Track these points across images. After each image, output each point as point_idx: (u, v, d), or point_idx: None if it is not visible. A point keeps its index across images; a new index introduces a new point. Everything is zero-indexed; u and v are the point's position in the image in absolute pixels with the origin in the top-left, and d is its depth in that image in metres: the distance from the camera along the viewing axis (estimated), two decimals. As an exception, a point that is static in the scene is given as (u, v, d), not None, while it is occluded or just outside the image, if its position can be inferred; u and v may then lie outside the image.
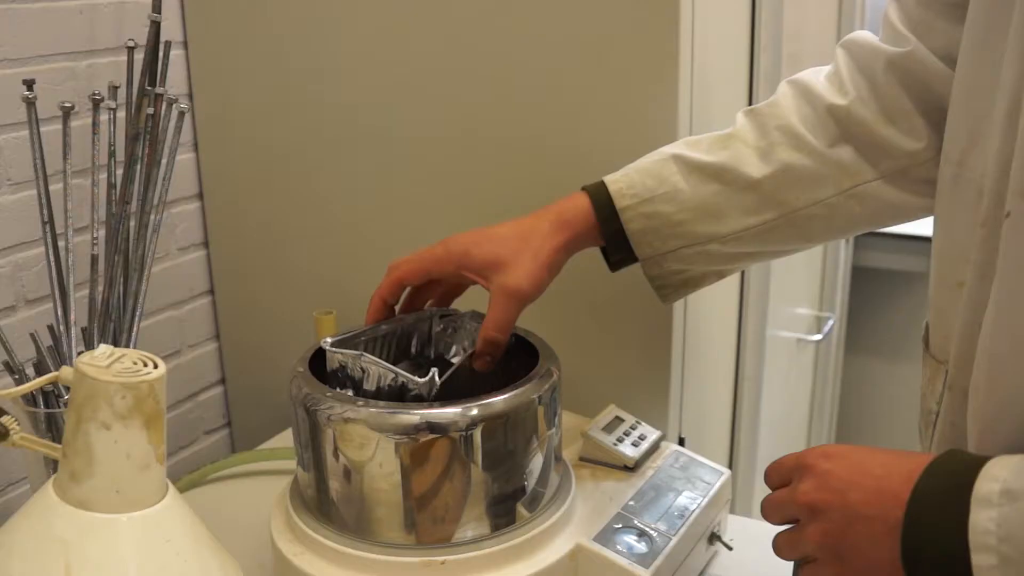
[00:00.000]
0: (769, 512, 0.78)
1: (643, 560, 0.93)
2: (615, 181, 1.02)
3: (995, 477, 0.64)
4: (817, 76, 1.02)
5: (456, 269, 1.00)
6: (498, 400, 0.90)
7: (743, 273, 1.44)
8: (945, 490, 0.66)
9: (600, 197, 1.02)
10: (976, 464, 0.66)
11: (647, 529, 0.97)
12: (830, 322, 1.96)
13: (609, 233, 1.02)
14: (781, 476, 0.78)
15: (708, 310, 1.29)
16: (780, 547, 0.77)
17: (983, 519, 0.63)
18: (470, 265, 0.99)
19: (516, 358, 1.00)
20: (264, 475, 1.28)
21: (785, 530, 0.77)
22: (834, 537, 0.71)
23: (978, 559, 0.62)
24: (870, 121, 0.97)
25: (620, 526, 0.97)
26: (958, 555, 0.63)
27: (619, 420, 1.10)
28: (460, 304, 1.08)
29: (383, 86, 1.30)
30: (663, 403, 1.23)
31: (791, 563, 0.78)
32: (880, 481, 0.70)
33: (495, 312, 0.97)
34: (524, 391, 0.91)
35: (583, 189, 1.03)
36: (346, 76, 1.32)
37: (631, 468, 1.05)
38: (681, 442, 1.27)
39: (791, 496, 0.74)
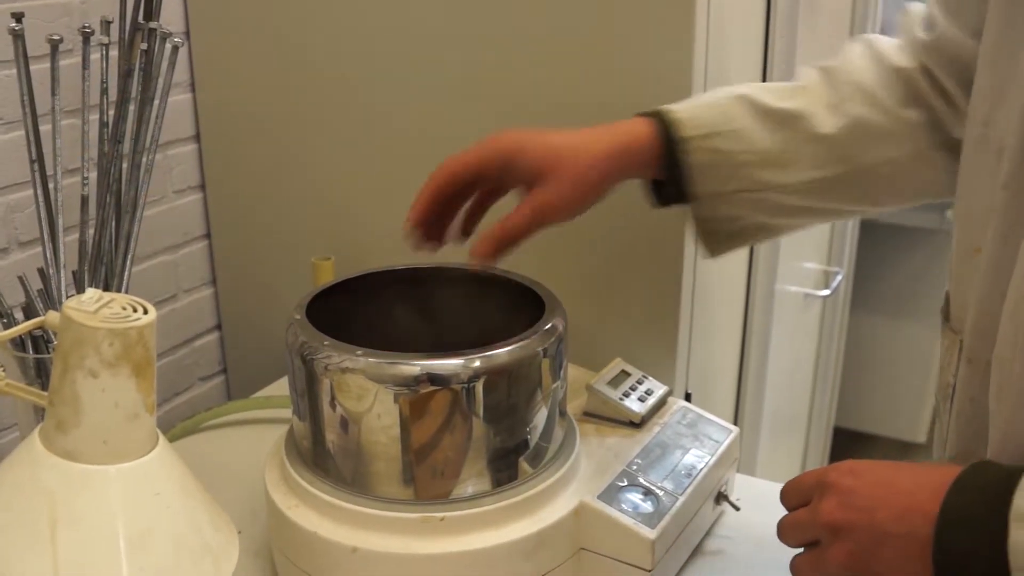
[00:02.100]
0: (787, 533, 0.76)
1: (649, 520, 0.91)
2: (677, 111, 0.97)
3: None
4: (886, 40, 1.00)
5: (502, 168, 0.94)
6: (502, 352, 0.87)
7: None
8: (978, 507, 0.64)
9: (661, 125, 0.97)
10: (1007, 476, 0.63)
11: (653, 488, 0.94)
12: (838, 277, 1.94)
13: (667, 165, 0.97)
14: (800, 495, 0.75)
15: (717, 263, 1.26)
16: (800, 570, 0.75)
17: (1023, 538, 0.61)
18: (516, 168, 0.93)
19: (521, 309, 0.97)
20: (259, 423, 1.27)
21: (803, 553, 0.74)
22: (862, 559, 0.69)
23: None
24: (927, 93, 0.95)
25: (625, 484, 0.94)
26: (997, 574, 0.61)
27: (625, 374, 1.08)
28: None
29: (387, 27, 1.27)
30: (671, 357, 1.21)
31: None
32: (908, 498, 0.67)
33: (516, 217, 0.92)
34: (529, 343, 0.89)
35: (639, 115, 0.98)
36: (350, 16, 1.29)
37: (637, 424, 1.03)
38: (687, 397, 1.25)
39: (812, 516, 0.72)
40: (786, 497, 0.77)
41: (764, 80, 1.34)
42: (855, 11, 1.77)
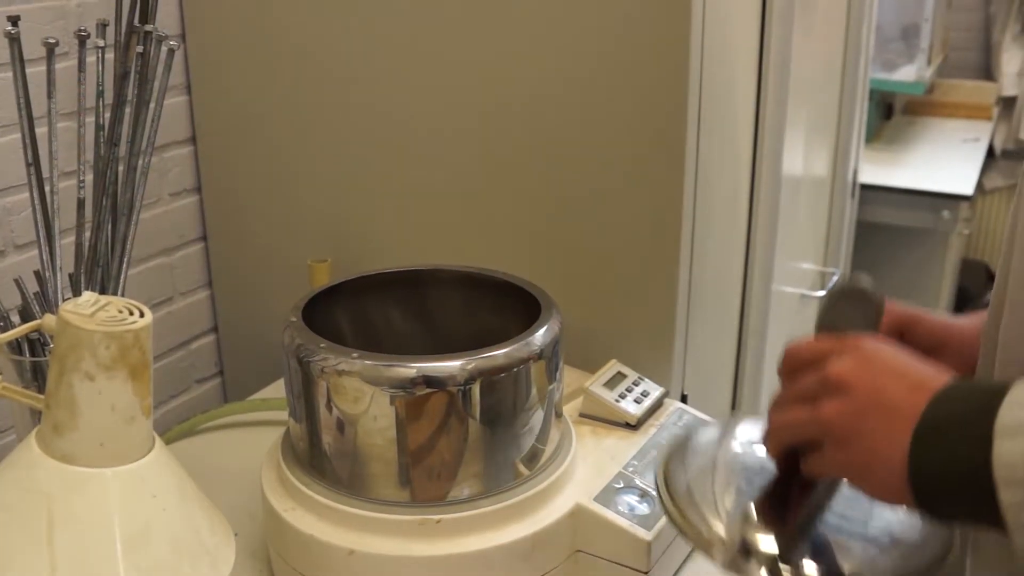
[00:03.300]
0: (786, 421, 0.71)
1: (645, 522, 0.91)
2: None
3: (1020, 403, 0.59)
4: None
5: (899, 336, 0.83)
6: (497, 354, 0.87)
7: (749, 227, 1.41)
8: (964, 415, 0.62)
9: None
10: (1000, 390, 0.61)
11: (649, 490, 0.94)
12: (835, 277, 1.94)
13: None
14: (813, 355, 0.71)
15: (713, 264, 1.26)
16: (779, 428, 0.71)
17: (1008, 451, 0.58)
18: (916, 335, 0.83)
19: (517, 311, 0.97)
20: (256, 426, 1.26)
21: (786, 412, 0.71)
22: (851, 417, 0.66)
23: (1007, 495, 0.58)
24: None
25: (621, 486, 0.94)
26: (979, 484, 0.59)
27: (621, 376, 1.08)
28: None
29: (383, 29, 1.27)
30: (667, 359, 1.20)
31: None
32: (918, 377, 0.66)
33: None
34: (525, 345, 0.89)
35: None
36: (346, 19, 1.29)
37: (633, 426, 1.03)
38: (684, 399, 1.25)
39: (821, 371, 0.69)
40: (794, 355, 0.74)
41: (759, 83, 1.34)
42: (850, 13, 1.77)
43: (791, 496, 0.74)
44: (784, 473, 0.74)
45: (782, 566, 0.70)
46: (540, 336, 0.90)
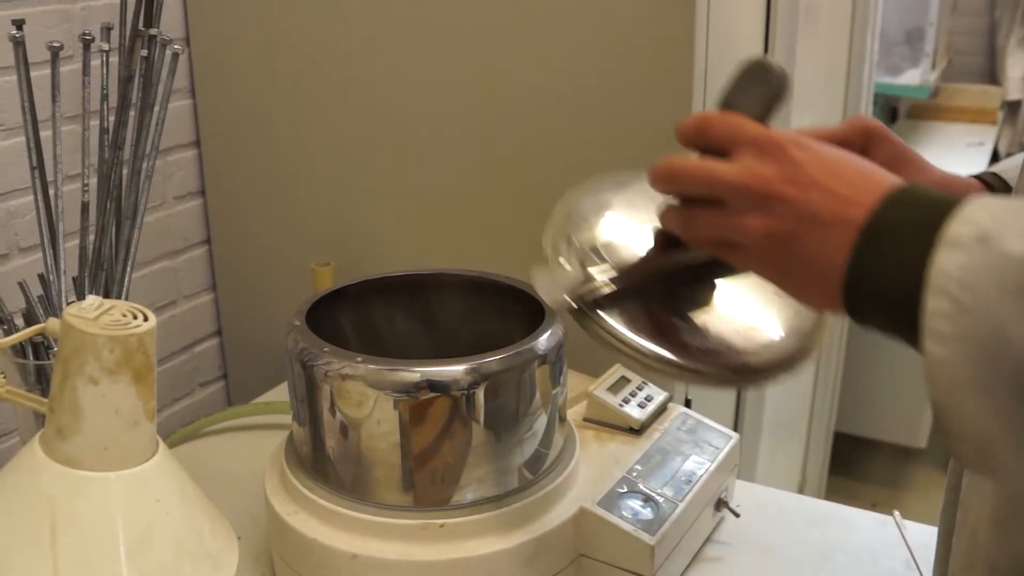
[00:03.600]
0: (686, 175, 0.67)
1: (648, 527, 0.91)
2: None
3: (972, 220, 0.57)
4: None
5: (863, 145, 0.80)
6: (501, 358, 0.87)
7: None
8: (912, 222, 0.59)
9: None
10: (951, 202, 0.58)
11: (653, 494, 0.94)
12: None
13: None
14: (725, 136, 0.66)
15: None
16: (687, 222, 0.67)
17: (948, 261, 0.56)
18: (879, 149, 0.80)
19: (521, 314, 0.97)
20: (259, 429, 1.26)
21: (697, 207, 0.67)
22: (780, 237, 0.63)
23: (933, 302, 0.55)
24: None
25: (625, 491, 0.94)
26: (909, 292, 0.57)
27: (625, 380, 1.08)
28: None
29: (387, 32, 1.27)
30: (669, 363, 1.20)
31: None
32: (849, 188, 0.62)
33: None
34: (528, 349, 0.89)
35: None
36: (350, 22, 1.29)
37: (637, 430, 1.03)
38: (687, 403, 1.25)
39: (736, 173, 0.64)
40: (702, 129, 0.67)
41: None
42: (854, 17, 1.77)
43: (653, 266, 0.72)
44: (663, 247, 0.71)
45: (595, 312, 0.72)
46: (544, 340, 0.90)
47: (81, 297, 1.06)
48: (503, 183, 1.24)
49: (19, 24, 1.03)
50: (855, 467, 2.92)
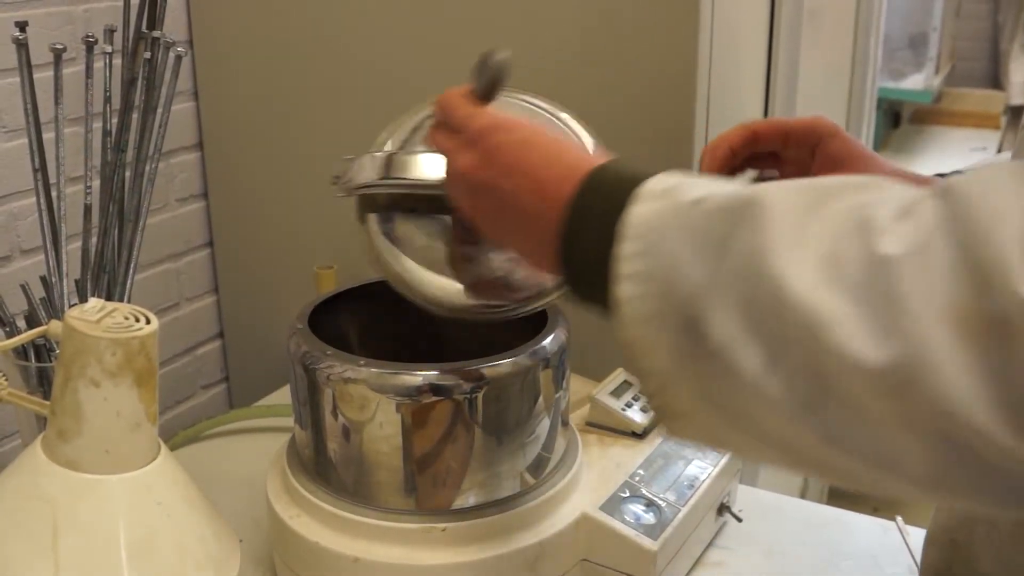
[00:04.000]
0: (438, 107, 0.77)
1: (651, 531, 0.90)
2: None
3: (661, 180, 0.62)
4: None
5: (814, 144, 0.85)
6: (504, 362, 0.87)
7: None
8: (612, 190, 0.63)
9: None
10: (646, 174, 0.63)
11: (655, 499, 0.94)
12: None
13: None
14: (441, 115, 0.76)
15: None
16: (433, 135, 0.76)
17: (638, 210, 0.60)
18: (828, 147, 0.85)
19: (523, 318, 0.97)
20: (261, 432, 1.26)
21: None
22: (488, 217, 0.71)
23: (624, 247, 0.59)
24: None
25: (627, 495, 0.94)
26: (608, 249, 0.60)
27: (628, 384, 1.07)
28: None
29: (389, 35, 1.27)
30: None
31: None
32: (543, 171, 0.67)
33: None
34: (531, 352, 0.88)
35: None
36: (351, 24, 1.29)
37: (639, 435, 1.03)
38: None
39: (454, 161, 0.72)
40: (441, 109, 0.77)
41: (767, 92, 1.33)
42: (858, 22, 1.77)
43: None
44: None
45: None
46: (547, 344, 0.90)
47: (83, 299, 1.06)
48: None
49: (22, 26, 1.02)
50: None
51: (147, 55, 1.09)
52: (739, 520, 1.05)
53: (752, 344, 0.53)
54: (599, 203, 0.63)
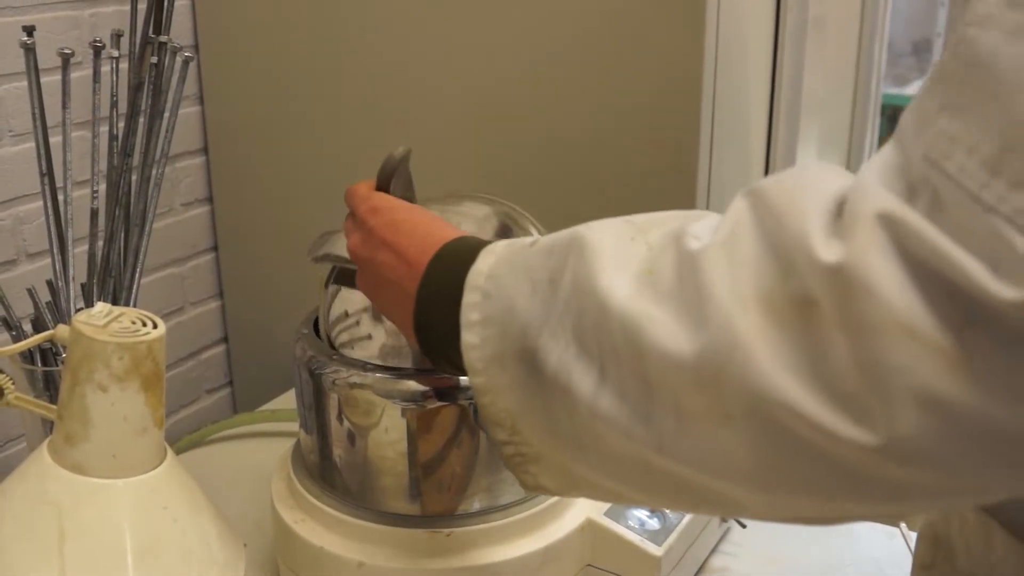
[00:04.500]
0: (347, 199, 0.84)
1: (655, 537, 0.91)
2: None
3: (492, 251, 0.66)
4: None
5: None
6: (509, 368, 0.87)
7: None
8: (460, 257, 0.68)
9: None
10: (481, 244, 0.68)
11: (660, 504, 0.94)
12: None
13: None
14: (349, 204, 0.83)
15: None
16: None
17: (481, 263, 0.65)
18: None
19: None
20: (266, 436, 1.26)
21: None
22: (371, 291, 0.78)
23: (467, 297, 0.65)
24: None
25: (632, 500, 0.94)
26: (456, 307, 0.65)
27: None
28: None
29: (397, 41, 1.27)
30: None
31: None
32: (406, 247, 0.73)
33: None
34: (536, 359, 0.88)
35: None
36: (359, 30, 1.29)
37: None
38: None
39: (348, 240, 0.80)
40: (346, 196, 0.84)
41: (772, 99, 1.33)
42: (862, 29, 1.77)
43: None
44: None
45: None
46: (552, 350, 0.90)
47: (89, 303, 1.06)
48: (511, 194, 1.24)
49: (30, 31, 1.03)
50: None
51: (154, 60, 1.09)
52: (743, 526, 1.05)
53: (583, 363, 0.56)
54: (451, 265, 0.68)
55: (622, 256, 0.56)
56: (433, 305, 0.69)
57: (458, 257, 0.68)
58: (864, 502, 0.49)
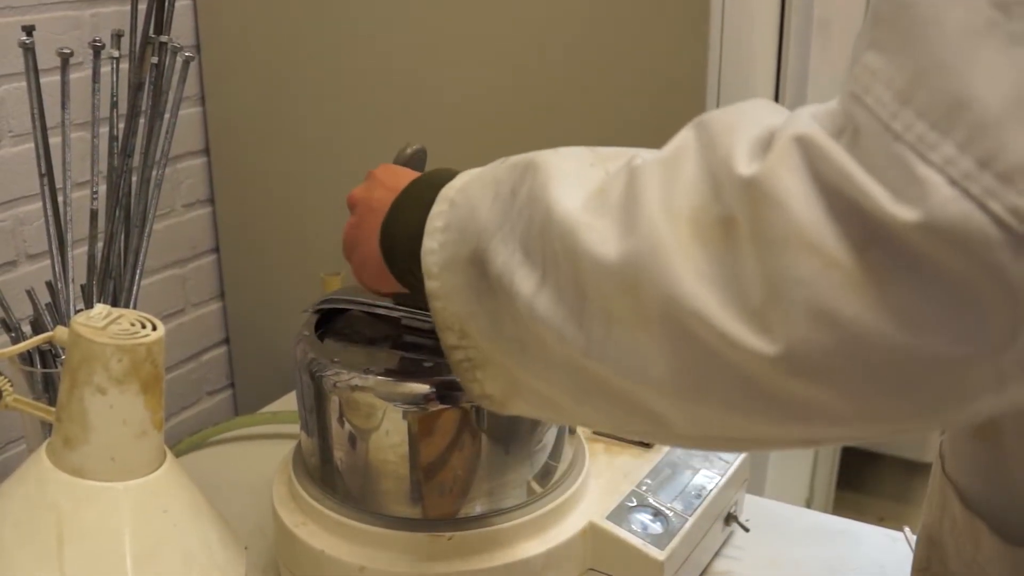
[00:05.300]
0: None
1: (658, 541, 0.90)
2: None
3: (470, 172, 0.70)
4: None
5: None
6: (511, 371, 0.86)
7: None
8: (435, 180, 0.71)
9: None
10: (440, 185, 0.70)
11: (663, 508, 0.94)
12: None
13: None
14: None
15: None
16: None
17: (456, 181, 0.69)
18: None
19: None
20: (266, 439, 1.26)
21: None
22: (354, 228, 0.80)
23: (435, 208, 0.68)
24: None
25: (635, 504, 0.94)
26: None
27: (635, 393, 1.07)
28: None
29: (399, 41, 1.27)
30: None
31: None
32: (395, 182, 0.77)
33: None
34: (538, 362, 0.88)
35: None
36: (361, 31, 1.29)
37: (647, 444, 1.02)
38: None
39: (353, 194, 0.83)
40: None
41: (777, 96, 1.33)
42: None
43: None
44: None
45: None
46: (554, 353, 0.89)
47: (89, 305, 1.06)
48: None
49: (29, 30, 1.02)
50: (862, 481, 2.91)
51: (154, 60, 1.08)
52: (746, 530, 1.05)
53: (526, 266, 0.59)
54: (428, 182, 0.72)
55: (579, 176, 0.59)
56: (403, 213, 0.72)
57: (438, 176, 0.72)
58: (773, 421, 0.50)
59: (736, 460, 1.03)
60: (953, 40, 0.42)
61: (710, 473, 1.00)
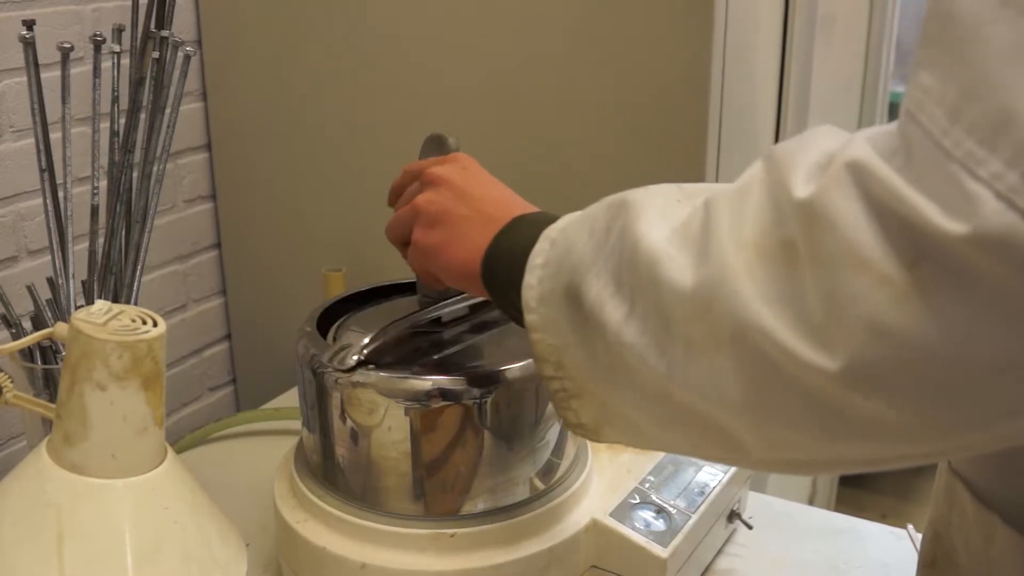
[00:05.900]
0: (393, 222, 0.86)
1: (661, 538, 0.90)
2: None
3: (557, 227, 0.71)
4: None
5: None
6: (513, 367, 0.86)
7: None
8: (541, 221, 0.73)
9: None
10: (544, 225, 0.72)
11: (666, 506, 0.93)
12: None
13: None
14: (418, 168, 0.85)
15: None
16: (389, 228, 0.87)
17: (559, 222, 0.71)
18: None
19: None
20: (268, 435, 1.26)
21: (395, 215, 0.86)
22: (440, 204, 0.81)
23: (537, 246, 0.70)
24: None
25: (638, 501, 0.93)
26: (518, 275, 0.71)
27: (637, 390, 1.06)
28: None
29: (400, 35, 1.26)
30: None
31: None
32: (504, 192, 0.81)
33: None
34: (541, 359, 0.87)
35: None
36: (364, 26, 1.28)
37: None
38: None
39: (421, 176, 0.84)
40: (393, 191, 0.90)
41: (780, 99, 1.33)
42: (871, 26, 1.76)
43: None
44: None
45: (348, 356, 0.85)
46: (557, 349, 0.89)
47: (90, 301, 1.05)
48: (516, 192, 1.24)
49: (30, 25, 1.02)
50: (864, 478, 2.91)
51: (155, 55, 1.08)
52: (749, 527, 1.05)
53: (616, 297, 0.62)
54: (532, 221, 0.75)
55: (665, 211, 0.62)
56: (506, 251, 0.75)
57: (543, 217, 0.75)
58: (838, 439, 0.52)
59: (739, 457, 1.03)
60: (998, 58, 0.44)
61: (713, 470, 1.00)
